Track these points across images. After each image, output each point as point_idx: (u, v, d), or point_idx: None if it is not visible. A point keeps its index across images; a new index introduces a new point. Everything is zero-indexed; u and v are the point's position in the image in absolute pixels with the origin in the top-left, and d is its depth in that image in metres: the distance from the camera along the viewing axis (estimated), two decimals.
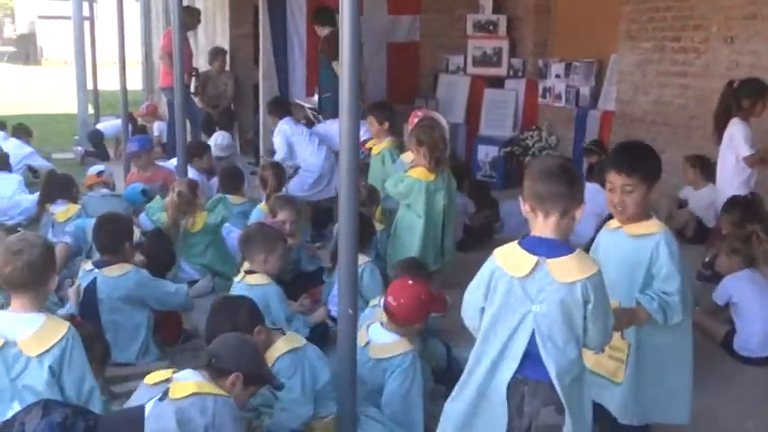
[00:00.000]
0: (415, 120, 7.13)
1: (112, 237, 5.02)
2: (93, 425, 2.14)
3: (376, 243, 5.98)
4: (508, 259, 3.06)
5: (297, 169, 8.42)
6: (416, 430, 4.03)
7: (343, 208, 3.57)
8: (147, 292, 4.99)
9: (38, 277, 3.46)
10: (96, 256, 5.21)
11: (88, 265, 5.05)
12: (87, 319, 4.62)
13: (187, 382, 3.36)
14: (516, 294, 3.02)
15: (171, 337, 5.30)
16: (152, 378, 3.43)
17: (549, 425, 3.03)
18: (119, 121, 12.62)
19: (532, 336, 3.00)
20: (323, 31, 9.29)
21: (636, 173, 3.70)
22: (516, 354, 3.03)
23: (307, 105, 10.05)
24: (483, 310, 3.14)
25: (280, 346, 3.92)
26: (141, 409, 2.50)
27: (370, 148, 7.25)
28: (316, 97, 9.83)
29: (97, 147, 12.42)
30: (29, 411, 2.09)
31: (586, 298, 2.94)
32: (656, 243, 3.70)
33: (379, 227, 6.15)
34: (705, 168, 7.63)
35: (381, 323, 4.23)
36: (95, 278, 4.90)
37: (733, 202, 6.20)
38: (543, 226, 3.01)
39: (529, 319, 3.00)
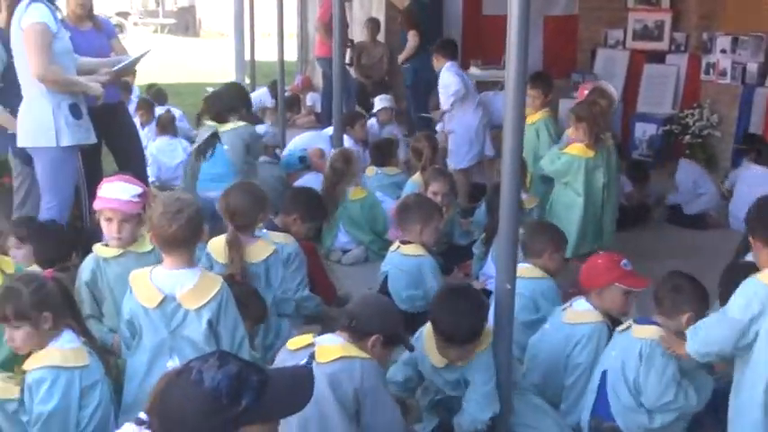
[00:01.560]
0: (585, 92, 6.90)
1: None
2: (264, 378, 2.16)
3: None
4: None
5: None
6: None
7: (506, 183, 3.51)
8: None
9: (196, 232, 3.57)
10: None
11: None
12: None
13: (332, 345, 3.42)
14: None
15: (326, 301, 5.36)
16: (294, 343, 3.53)
17: None
18: (263, 91, 12.98)
19: None
20: (404, 2, 9.24)
21: None
22: None
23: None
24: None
25: (484, 339, 3.81)
26: (309, 366, 2.53)
27: None
28: (472, 69, 9.71)
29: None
30: (205, 361, 2.13)
31: None
32: None
33: (531, 203, 6.01)
34: None
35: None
36: None
37: None
38: None
39: None
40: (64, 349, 3.42)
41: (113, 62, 6.01)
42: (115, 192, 4.03)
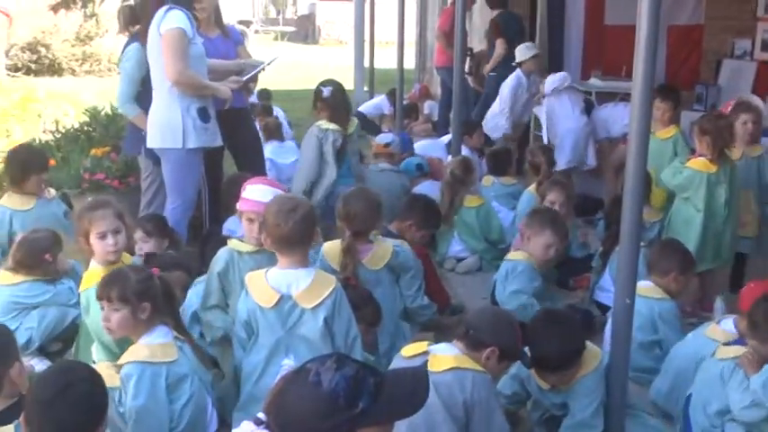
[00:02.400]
0: (728, 108, 6.67)
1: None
2: (380, 381, 2.18)
3: None
4: None
5: None
6: None
7: (629, 196, 3.45)
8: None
9: (309, 232, 3.63)
10: None
11: None
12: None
13: (445, 355, 3.41)
14: None
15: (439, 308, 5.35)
16: (409, 350, 3.53)
17: None
18: (378, 100, 13.08)
19: None
20: (492, 14, 9.46)
21: None
22: None
23: (581, 89, 9.81)
24: None
25: (584, 365, 3.76)
26: (424, 367, 2.54)
27: None
28: (592, 80, 9.58)
29: (364, 125, 12.84)
30: (323, 362, 2.16)
31: None
32: None
33: (654, 216, 5.88)
34: None
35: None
36: None
37: None
38: None
39: None
40: (152, 345, 3.52)
41: (241, 64, 6.19)
42: (259, 194, 4.11)
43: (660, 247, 4.70)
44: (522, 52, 8.99)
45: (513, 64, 9.00)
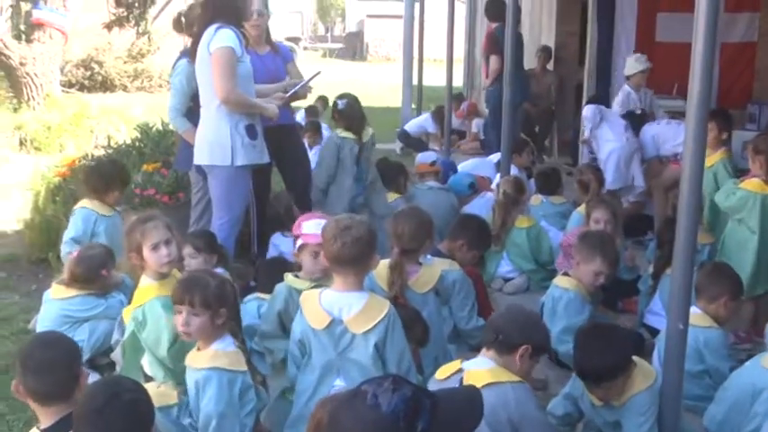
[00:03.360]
0: None
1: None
2: (435, 401, 2.16)
3: None
4: None
5: None
6: None
7: (683, 218, 3.39)
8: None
9: (363, 254, 3.57)
10: None
11: None
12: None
13: (480, 370, 3.38)
14: None
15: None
16: (442, 372, 3.51)
17: None
18: (423, 119, 13.09)
19: None
20: (491, 27, 9.48)
21: None
22: None
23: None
24: None
25: (637, 382, 3.68)
26: (474, 387, 2.51)
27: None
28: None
29: (409, 142, 12.89)
30: (380, 384, 2.15)
31: None
32: None
33: (706, 239, 5.77)
34: None
35: None
36: None
37: None
38: None
39: None
40: (228, 352, 3.54)
41: (286, 86, 6.21)
42: (319, 227, 4.09)
43: (709, 271, 4.58)
44: (631, 66, 8.73)
45: (625, 75, 8.82)
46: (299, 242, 4.32)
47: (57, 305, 4.87)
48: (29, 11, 16.20)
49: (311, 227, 4.26)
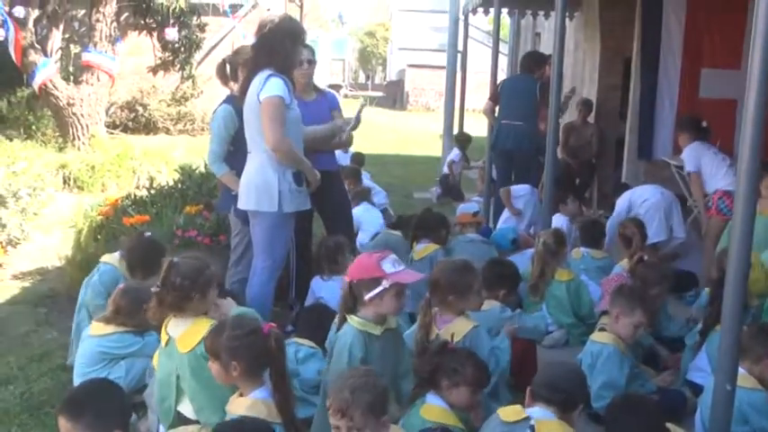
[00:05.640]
0: None
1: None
2: None
3: None
4: None
5: None
6: None
7: (731, 278, 3.33)
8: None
9: None
10: None
11: None
12: None
13: (551, 421, 3.41)
14: None
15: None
16: (508, 415, 3.51)
17: None
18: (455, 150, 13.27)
19: None
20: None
21: None
22: None
23: (673, 163, 9.66)
24: None
25: None
26: None
27: None
28: (683, 154, 9.38)
29: (448, 188, 12.93)
30: None
31: None
32: None
33: (752, 302, 5.62)
34: None
35: None
36: None
37: None
38: None
39: None
40: (267, 401, 3.48)
41: (333, 127, 6.32)
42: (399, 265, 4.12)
43: (754, 332, 4.46)
44: None
45: None
46: (386, 283, 4.02)
47: (95, 342, 4.88)
48: (78, 53, 16.59)
49: (391, 264, 4.07)
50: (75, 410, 3.04)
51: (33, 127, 16.15)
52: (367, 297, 4.02)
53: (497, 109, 9.55)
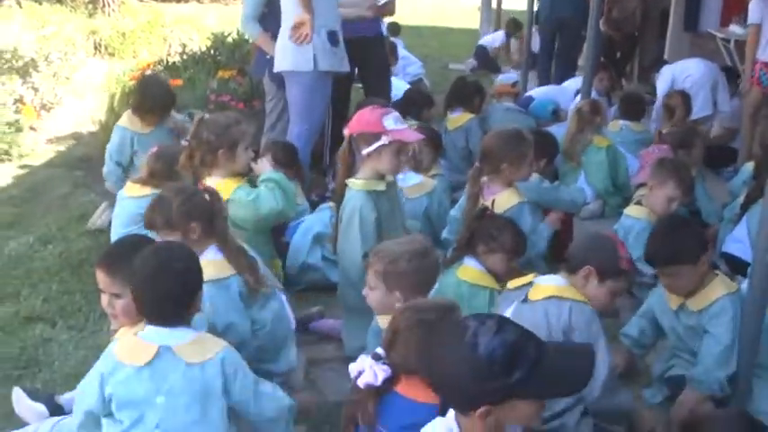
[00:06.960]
0: None
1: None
2: (541, 352, 2.06)
3: None
4: None
5: None
6: None
7: None
8: None
9: None
10: None
11: None
12: None
13: (547, 284, 3.33)
14: None
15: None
16: (514, 282, 3.47)
17: None
18: (500, 34, 12.95)
19: None
20: None
21: None
22: None
23: (720, 35, 9.34)
24: None
25: (719, 288, 3.55)
26: (590, 349, 2.38)
27: None
28: (731, 27, 9.08)
29: (485, 61, 12.69)
30: (483, 322, 2.06)
31: None
32: None
33: None
34: None
35: None
36: None
37: None
38: None
39: None
40: (210, 261, 3.37)
41: None
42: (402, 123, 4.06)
43: None
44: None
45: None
46: (385, 139, 3.91)
47: (132, 203, 4.85)
48: None
49: (397, 121, 3.98)
50: (113, 263, 3.05)
51: None
52: (365, 152, 3.93)
53: None
